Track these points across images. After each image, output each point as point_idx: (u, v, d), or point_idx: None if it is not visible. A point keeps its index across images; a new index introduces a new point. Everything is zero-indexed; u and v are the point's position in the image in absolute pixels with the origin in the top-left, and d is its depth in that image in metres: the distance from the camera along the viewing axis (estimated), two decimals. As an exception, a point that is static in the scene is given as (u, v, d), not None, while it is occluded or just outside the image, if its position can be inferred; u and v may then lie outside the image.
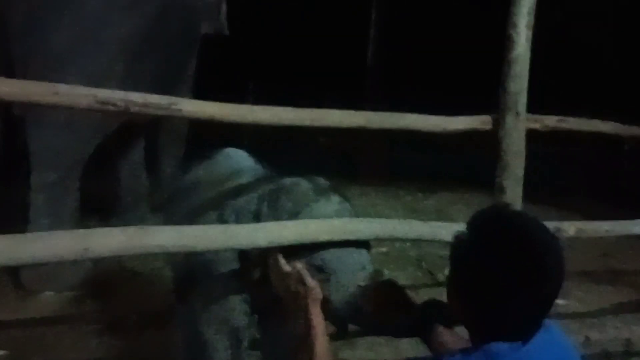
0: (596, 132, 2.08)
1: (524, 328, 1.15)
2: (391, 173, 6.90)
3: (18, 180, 3.42)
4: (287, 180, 1.71)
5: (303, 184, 1.68)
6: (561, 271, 1.14)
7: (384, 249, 4.24)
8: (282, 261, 1.50)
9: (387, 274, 3.79)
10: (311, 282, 1.47)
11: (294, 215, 1.63)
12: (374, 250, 4.33)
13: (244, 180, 1.83)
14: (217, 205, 1.79)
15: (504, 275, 1.11)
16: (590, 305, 3.58)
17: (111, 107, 1.38)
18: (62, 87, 1.35)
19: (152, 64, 3.61)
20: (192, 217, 1.81)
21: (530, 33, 1.71)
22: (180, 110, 1.43)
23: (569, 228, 1.98)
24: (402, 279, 3.87)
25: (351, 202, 1.74)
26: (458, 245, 1.20)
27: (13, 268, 2.99)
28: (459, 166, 6.94)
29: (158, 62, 3.68)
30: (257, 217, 1.68)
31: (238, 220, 1.70)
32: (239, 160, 2.02)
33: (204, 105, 1.47)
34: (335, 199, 1.67)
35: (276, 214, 1.65)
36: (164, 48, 3.74)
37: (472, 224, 1.19)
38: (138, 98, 1.41)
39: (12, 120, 3.29)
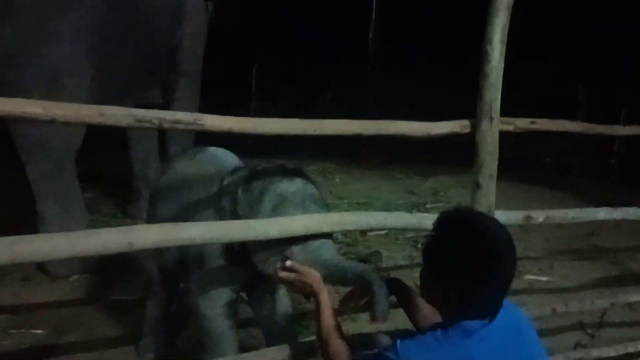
0: (565, 131, 2.35)
1: (487, 308, 1.43)
2: (391, 156, 7.17)
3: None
4: (259, 166, 2.02)
5: (271, 168, 1.99)
6: (513, 259, 1.43)
7: (383, 232, 4.53)
8: (279, 267, 1.79)
9: (385, 254, 4.12)
10: (306, 269, 1.77)
11: (261, 193, 1.92)
12: (374, 233, 4.58)
13: (230, 179, 2.08)
14: (209, 203, 2.09)
15: (467, 265, 1.39)
16: (572, 281, 3.88)
17: (147, 124, 1.65)
18: (107, 109, 1.63)
19: (108, 57, 3.56)
20: (184, 213, 2.14)
21: (503, 47, 1.97)
22: (203, 125, 1.71)
23: (539, 216, 2.26)
24: (400, 259, 4.18)
25: (316, 184, 2.01)
26: (430, 242, 1.50)
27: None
28: (454, 150, 7.23)
29: (114, 56, 3.62)
30: (234, 200, 1.97)
31: (222, 215, 2.01)
32: (225, 160, 2.28)
33: (223, 119, 1.75)
34: (298, 180, 1.95)
35: (248, 194, 1.95)
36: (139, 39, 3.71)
37: (439, 224, 1.49)
38: (169, 116, 1.69)
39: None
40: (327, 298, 1.72)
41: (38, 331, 2.91)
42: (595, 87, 7.45)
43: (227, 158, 2.32)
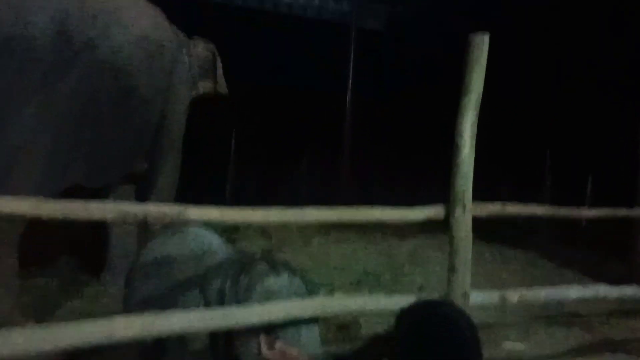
0: (532, 214, 2.46)
1: None
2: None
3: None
4: (248, 261, 2.03)
5: (260, 265, 2.00)
6: (478, 355, 1.47)
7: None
8: (264, 346, 1.78)
9: (364, 322, 4.11)
10: (294, 351, 1.77)
11: (248, 289, 1.94)
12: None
13: (216, 261, 2.12)
14: (195, 284, 2.08)
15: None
16: (548, 348, 3.93)
17: (132, 218, 1.70)
18: (91, 204, 1.67)
19: (87, 134, 3.59)
20: (170, 293, 2.11)
21: (473, 141, 2.10)
22: (188, 216, 1.76)
23: (513, 296, 2.33)
24: (378, 328, 4.17)
25: (301, 276, 2.05)
26: (398, 340, 1.53)
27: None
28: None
29: (97, 132, 3.66)
30: (221, 294, 1.98)
31: (208, 298, 2.00)
32: (207, 240, 2.28)
33: (207, 211, 1.80)
34: (284, 274, 1.99)
35: (235, 290, 1.96)
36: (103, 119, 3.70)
37: (400, 320, 1.52)
38: (154, 209, 1.74)
39: None
40: None
41: None
42: (563, 155, 7.91)
43: (211, 238, 2.32)
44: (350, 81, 8.78)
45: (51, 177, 3.42)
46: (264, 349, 1.75)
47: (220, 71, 5.09)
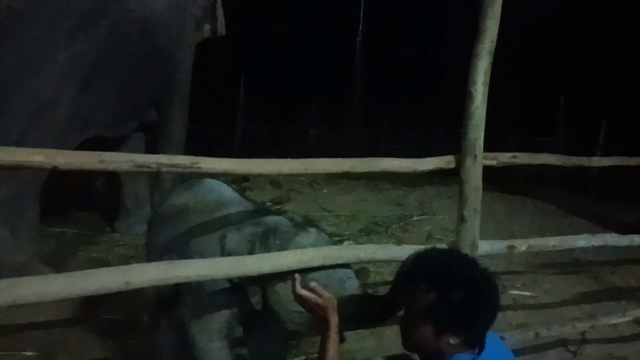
0: (544, 164, 2.44)
1: (476, 342, 1.51)
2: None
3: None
4: (270, 221, 2.07)
5: (284, 223, 2.06)
6: (493, 298, 1.50)
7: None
8: (298, 284, 1.81)
9: (372, 270, 4.18)
10: (327, 294, 1.81)
11: (282, 250, 1.98)
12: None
13: (232, 212, 2.17)
14: (213, 237, 2.11)
15: (452, 312, 1.46)
16: (555, 296, 3.99)
17: (146, 169, 1.71)
18: (106, 155, 1.68)
19: (112, 85, 3.65)
20: (187, 243, 2.16)
21: (486, 89, 2.06)
22: (200, 167, 1.77)
23: (521, 245, 2.35)
24: (386, 275, 4.24)
25: (326, 231, 2.12)
26: (411, 289, 1.55)
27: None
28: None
29: (122, 83, 3.71)
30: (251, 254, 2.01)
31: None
32: (222, 192, 2.33)
33: (220, 162, 1.81)
34: (312, 230, 2.05)
35: (268, 252, 1.99)
36: (126, 68, 3.74)
37: (418, 273, 1.54)
38: (166, 160, 1.74)
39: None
40: (337, 326, 1.74)
41: (27, 353, 2.89)
42: (575, 99, 7.80)
43: (225, 190, 2.36)
44: (360, 26, 8.55)
45: (74, 127, 3.48)
46: (298, 287, 1.78)
47: (220, 13, 5.01)
